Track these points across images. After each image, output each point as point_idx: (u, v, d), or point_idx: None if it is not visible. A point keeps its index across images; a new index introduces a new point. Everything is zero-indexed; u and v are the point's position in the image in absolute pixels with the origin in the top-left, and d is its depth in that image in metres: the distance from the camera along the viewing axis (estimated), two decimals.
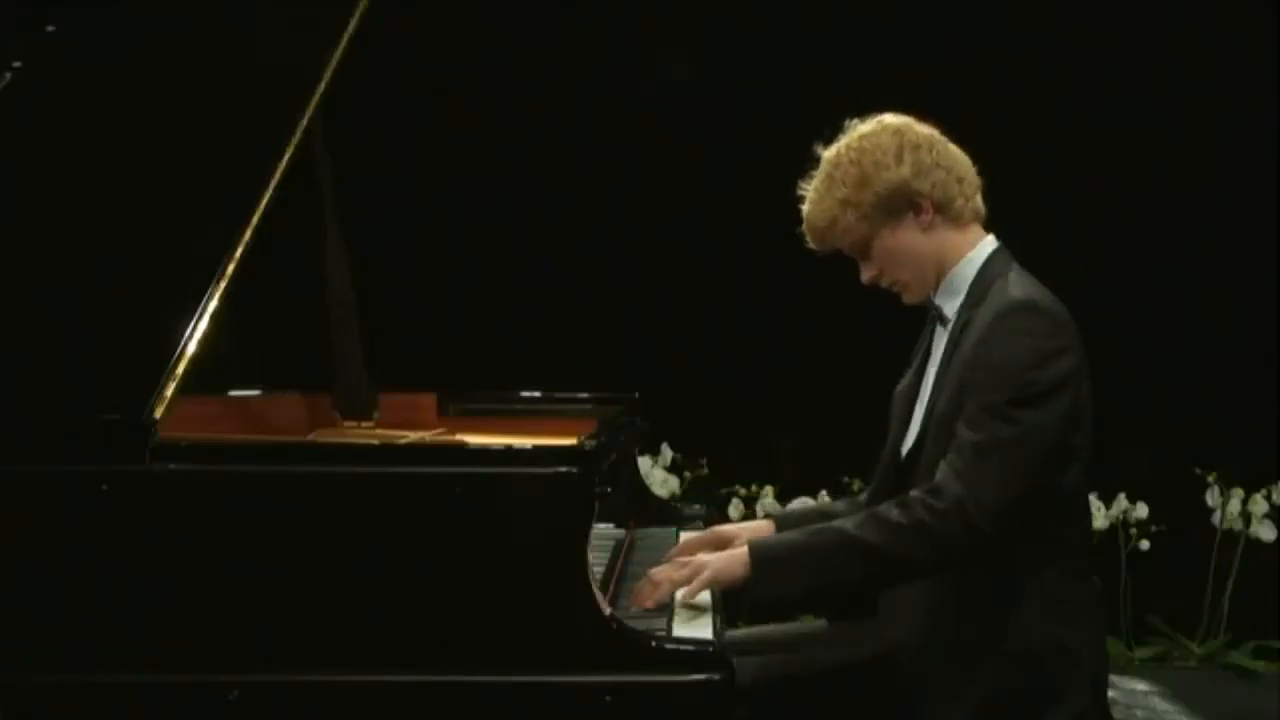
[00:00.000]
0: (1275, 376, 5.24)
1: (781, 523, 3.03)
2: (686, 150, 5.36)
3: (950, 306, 2.83)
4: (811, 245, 2.88)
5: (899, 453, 2.88)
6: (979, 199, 2.84)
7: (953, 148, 2.83)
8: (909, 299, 2.86)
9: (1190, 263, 5.38)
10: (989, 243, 2.84)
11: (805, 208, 2.85)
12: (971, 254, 2.82)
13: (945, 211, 2.80)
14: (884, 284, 2.86)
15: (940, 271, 2.83)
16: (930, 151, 2.79)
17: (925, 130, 2.83)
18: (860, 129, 2.84)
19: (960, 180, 2.81)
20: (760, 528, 2.99)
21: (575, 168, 5.33)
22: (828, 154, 2.84)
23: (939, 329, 2.87)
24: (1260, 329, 5.28)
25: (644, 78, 5.38)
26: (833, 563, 2.67)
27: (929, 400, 2.82)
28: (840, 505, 3.16)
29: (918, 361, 2.95)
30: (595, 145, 5.33)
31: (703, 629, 2.62)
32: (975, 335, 2.72)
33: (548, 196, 5.35)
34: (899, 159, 2.77)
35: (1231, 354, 5.31)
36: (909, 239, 2.80)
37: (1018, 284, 2.75)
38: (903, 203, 2.78)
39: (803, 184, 2.86)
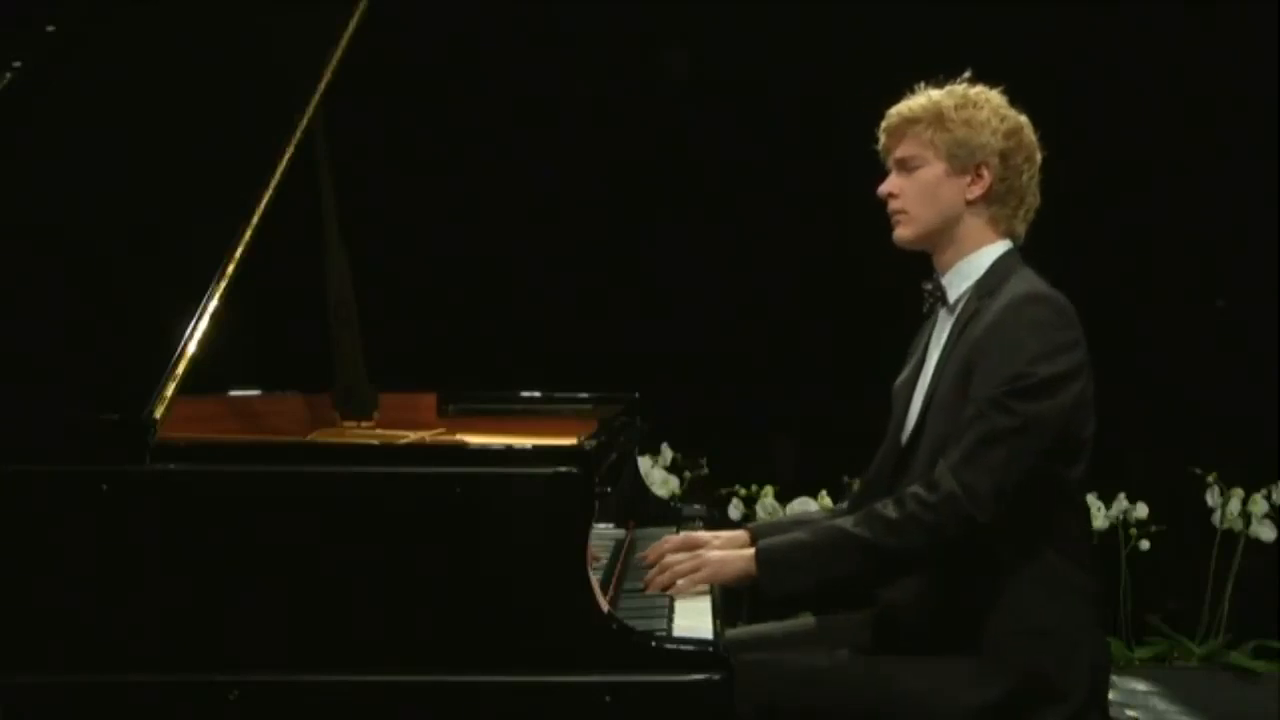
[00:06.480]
0: (1275, 376, 5.24)
1: (756, 534, 3.00)
2: (687, 149, 5.37)
3: (955, 291, 2.89)
4: (880, 131, 2.95)
5: (899, 441, 2.91)
6: (1022, 227, 2.93)
7: (1037, 182, 2.93)
8: (900, 233, 2.92)
9: (1190, 262, 5.39)
10: (1005, 243, 2.91)
11: (908, 98, 2.93)
12: (989, 248, 2.89)
13: (992, 204, 2.88)
14: (891, 206, 2.92)
15: (945, 237, 2.89)
16: (1026, 160, 2.90)
17: (1038, 151, 2.92)
18: (1004, 99, 2.92)
19: (1022, 201, 2.91)
20: (736, 537, 2.96)
21: (575, 167, 5.33)
22: (971, 85, 2.93)
23: (942, 316, 2.92)
24: (1260, 329, 5.28)
25: (644, 77, 5.39)
26: (833, 560, 2.74)
27: (929, 384, 2.87)
28: (819, 516, 3.24)
29: (918, 353, 2.98)
30: (595, 144, 5.33)
31: (703, 629, 2.62)
32: (986, 322, 2.78)
33: (548, 196, 5.35)
34: (1006, 136, 2.87)
35: (1231, 354, 5.31)
36: (948, 191, 2.88)
37: (1030, 279, 2.83)
38: (970, 163, 2.87)
39: (927, 84, 2.94)
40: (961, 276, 2.89)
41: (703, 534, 2.99)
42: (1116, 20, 5.30)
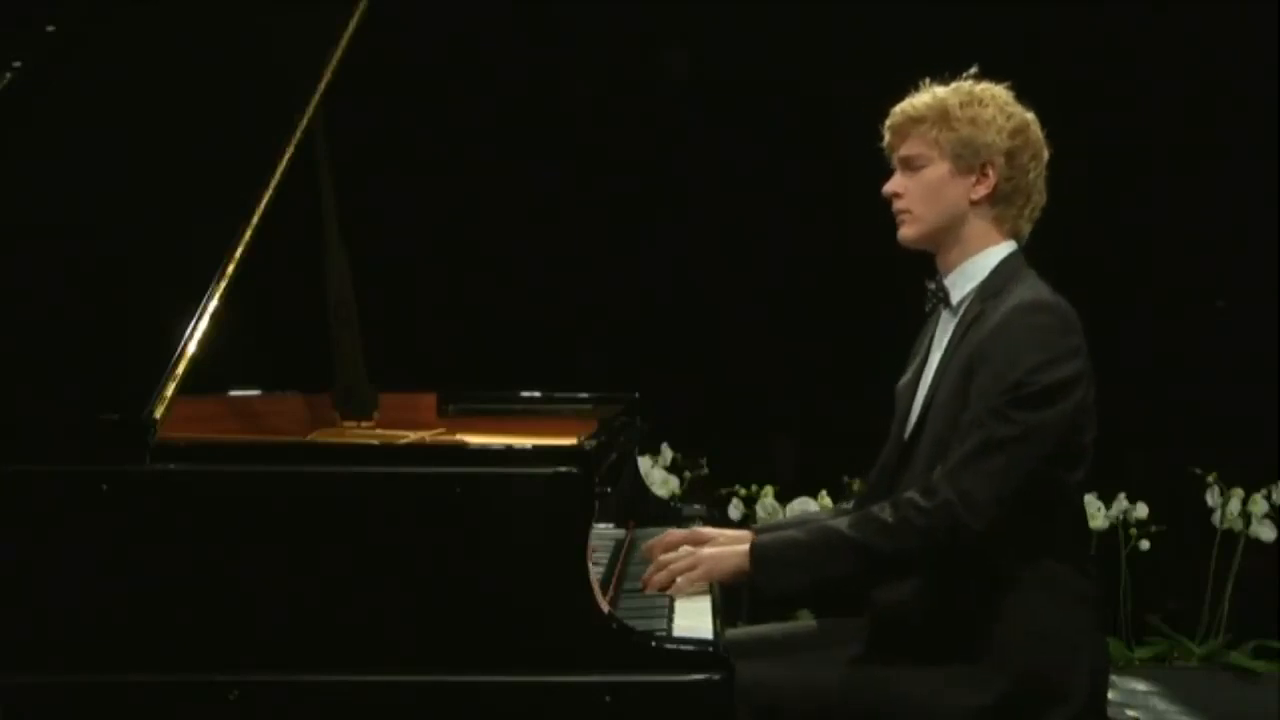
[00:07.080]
0: (1275, 376, 5.24)
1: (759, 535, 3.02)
2: (686, 149, 5.37)
3: (958, 293, 2.87)
4: (885, 129, 2.92)
5: (902, 441, 2.91)
6: (1027, 226, 2.91)
7: (1044, 182, 2.90)
8: (904, 233, 2.90)
9: (1190, 262, 5.39)
10: (1010, 245, 2.89)
11: (914, 95, 2.90)
12: (993, 249, 2.87)
13: (997, 204, 2.86)
14: (896, 205, 2.90)
15: (950, 237, 2.87)
16: (1033, 159, 2.87)
17: (1044, 148, 2.90)
18: (1010, 96, 2.90)
19: (1028, 199, 2.88)
20: (739, 535, 2.95)
21: (575, 167, 5.33)
22: (977, 82, 2.90)
23: (944, 317, 2.91)
24: (1260, 329, 5.28)
25: (644, 77, 5.39)
26: (828, 559, 2.73)
27: (930, 385, 2.87)
28: (822, 517, 3.22)
29: (920, 353, 2.98)
30: (595, 144, 5.33)
31: (703, 629, 2.62)
32: (988, 327, 2.76)
33: (548, 196, 5.35)
34: (1011, 135, 2.84)
35: (1231, 354, 5.31)
36: (953, 190, 2.85)
37: (1035, 285, 2.81)
38: (976, 162, 2.84)
39: (932, 80, 2.91)
40: (965, 278, 2.87)
41: (707, 530, 2.99)
42: (1117, 19, 5.30)
